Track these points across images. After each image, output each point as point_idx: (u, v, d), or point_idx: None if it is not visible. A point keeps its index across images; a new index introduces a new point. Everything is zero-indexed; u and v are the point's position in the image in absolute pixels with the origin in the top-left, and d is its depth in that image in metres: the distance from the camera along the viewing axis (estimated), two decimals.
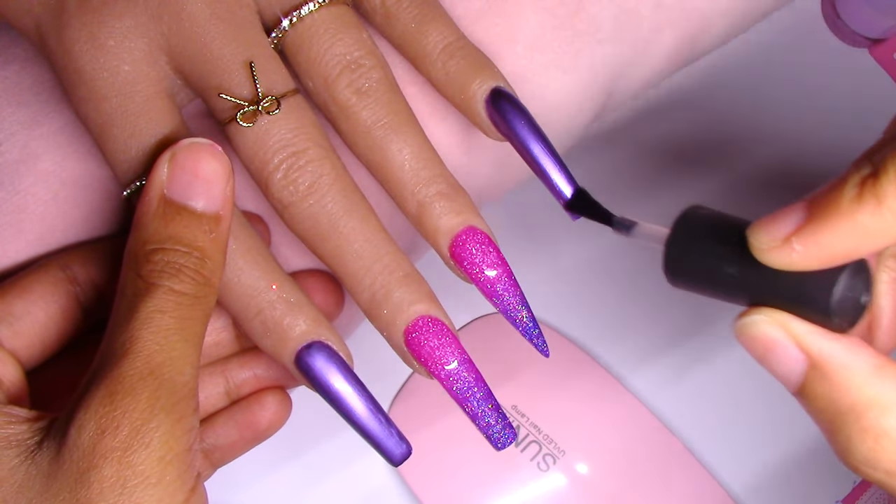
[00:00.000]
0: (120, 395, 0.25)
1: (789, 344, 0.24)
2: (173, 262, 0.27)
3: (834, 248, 0.23)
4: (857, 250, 0.23)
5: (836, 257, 0.23)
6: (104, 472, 0.25)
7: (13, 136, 0.33)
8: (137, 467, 0.25)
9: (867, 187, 0.22)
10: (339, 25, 0.30)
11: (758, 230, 0.23)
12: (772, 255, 0.23)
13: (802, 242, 0.23)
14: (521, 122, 0.31)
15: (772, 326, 0.24)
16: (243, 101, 0.29)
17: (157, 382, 0.26)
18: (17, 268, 0.33)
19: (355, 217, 0.30)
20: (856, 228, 0.22)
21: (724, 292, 0.25)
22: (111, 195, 0.34)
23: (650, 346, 0.45)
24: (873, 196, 0.22)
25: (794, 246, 0.23)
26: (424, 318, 0.30)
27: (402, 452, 0.30)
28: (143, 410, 0.25)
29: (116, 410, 0.25)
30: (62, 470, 0.25)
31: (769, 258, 0.23)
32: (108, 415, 0.25)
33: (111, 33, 0.29)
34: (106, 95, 0.29)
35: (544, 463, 0.41)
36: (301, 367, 0.30)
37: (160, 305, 0.27)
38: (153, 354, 0.26)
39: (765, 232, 0.23)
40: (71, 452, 0.25)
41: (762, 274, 0.24)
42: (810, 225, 0.23)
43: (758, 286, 0.24)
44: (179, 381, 0.26)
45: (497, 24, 0.34)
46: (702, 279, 0.25)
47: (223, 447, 0.34)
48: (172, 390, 0.26)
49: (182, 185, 0.28)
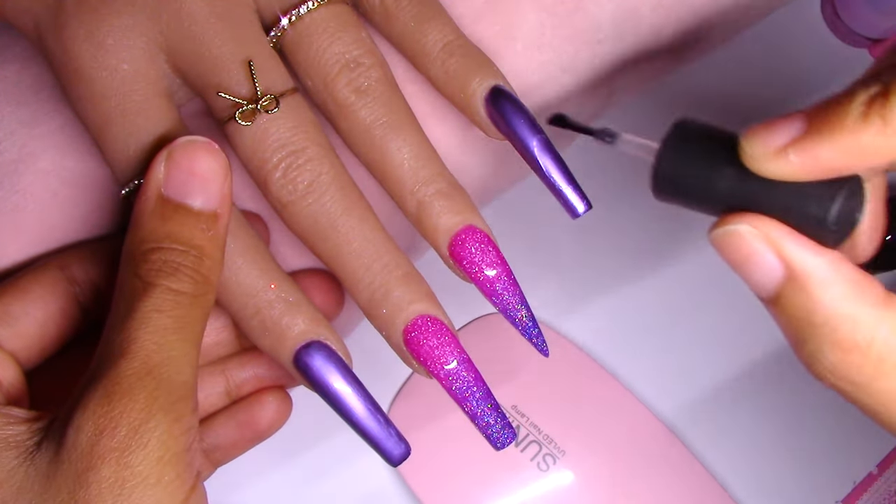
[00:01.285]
0: (118, 396, 0.25)
1: (769, 252, 0.24)
2: (171, 261, 0.27)
3: (831, 163, 0.23)
4: (852, 167, 0.23)
5: (831, 171, 0.23)
6: (102, 472, 0.25)
7: (12, 136, 0.33)
8: (136, 468, 0.25)
9: (875, 107, 0.22)
10: (338, 24, 0.30)
11: (752, 138, 0.23)
12: (765, 164, 0.23)
13: (799, 154, 0.23)
14: (520, 120, 0.31)
15: (754, 235, 0.24)
16: (242, 100, 0.29)
17: (154, 382, 0.26)
18: (16, 267, 0.33)
19: (354, 216, 0.30)
20: (857, 146, 0.22)
21: (713, 204, 0.25)
22: (110, 194, 0.34)
23: (650, 346, 0.45)
24: (880, 116, 0.22)
25: (790, 156, 0.23)
26: (424, 318, 0.30)
27: (401, 453, 0.30)
28: (140, 410, 0.25)
29: (114, 411, 0.25)
30: (61, 471, 0.25)
31: (762, 167, 0.23)
32: (106, 415, 0.25)
33: (110, 32, 0.29)
34: (104, 94, 0.29)
35: (544, 463, 0.41)
36: (299, 366, 0.30)
37: (158, 305, 0.27)
38: (151, 354, 0.26)
39: (760, 140, 0.23)
40: (69, 453, 0.25)
41: (753, 185, 0.24)
42: (809, 137, 0.23)
43: (748, 197, 0.24)
44: (178, 381, 0.26)
45: (497, 22, 0.34)
46: (690, 191, 0.25)
47: (223, 447, 0.34)
48: (170, 390, 0.26)
49: (179, 183, 0.28)
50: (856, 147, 0.22)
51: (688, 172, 0.25)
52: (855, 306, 0.23)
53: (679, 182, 0.25)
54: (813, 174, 0.23)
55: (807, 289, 0.24)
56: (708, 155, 0.25)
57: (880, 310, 0.23)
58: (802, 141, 0.23)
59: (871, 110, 0.22)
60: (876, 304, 0.23)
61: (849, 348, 0.23)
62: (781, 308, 0.24)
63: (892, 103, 0.22)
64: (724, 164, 0.24)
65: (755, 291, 0.25)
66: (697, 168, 0.25)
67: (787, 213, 0.24)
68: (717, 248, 0.25)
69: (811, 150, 0.23)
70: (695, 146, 0.25)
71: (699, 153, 0.25)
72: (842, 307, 0.23)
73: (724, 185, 0.24)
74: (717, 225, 0.25)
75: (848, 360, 0.23)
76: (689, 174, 0.25)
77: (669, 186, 0.26)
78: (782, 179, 0.23)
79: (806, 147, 0.23)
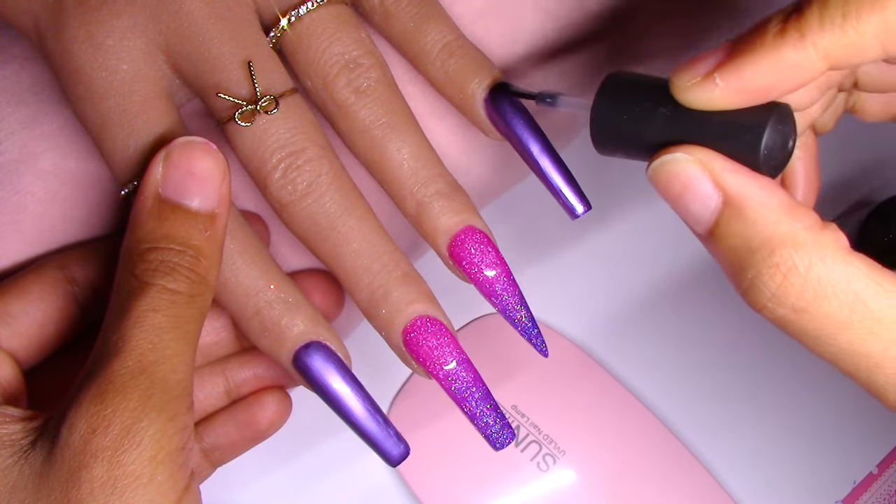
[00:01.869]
0: (111, 395, 0.25)
1: (706, 181, 0.24)
2: (167, 261, 0.27)
3: (756, 83, 0.23)
4: (778, 86, 0.23)
5: (758, 93, 0.23)
6: (94, 471, 0.25)
7: (12, 136, 0.33)
8: (128, 467, 0.25)
9: (791, 22, 0.22)
10: (337, 25, 0.30)
11: (679, 70, 0.24)
12: (693, 93, 0.24)
13: (724, 78, 0.23)
14: (520, 121, 0.31)
15: (690, 163, 0.24)
16: (241, 101, 0.29)
17: (148, 381, 0.26)
18: (17, 267, 0.33)
19: (353, 216, 0.30)
20: (779, 62, 0.22)
21: (649, 148, 0.25)
22: (110, 195, 0.34)
23: (650, 345, 0.45)
24: (796, 30, 0.22)
25: (715, 81, 0.23)
26: (423, 318, 0.30)
27: (400, 453, 0.30)
28: (133, 409, 0.25)
29: (107, 409, 0.25)
30: (54, 469, 0.25)
31: (691, 96, 0.24)
32: (99, 413, 0.25)
33: (110, 32, 0.29)
34: (104, 94, 0.29)
35: (544, 463, 0.41)
36: (299, 367, 0.30)
37: (153, 304, 0.27)
38: (145, 353, 0.26)
39: (687, 70, 0.24)
40: (62, 452, 0.25)
41: (687, 121, 0.24)
42: (732, 60, 0.23)
43: (682, 134, 0.24)
44: (172, 380, 0.26)
45: (496, 23, 0.34)
46: (627, 137, 0.25)
47: (223, 446, 0.34)
48: (165, 389, 0.26)
49: (176, 183, 0.28)
50: (777, 64, 0.23)
51: (622, 119, 0.25)
52: (792, 227, 0.23)
53: (615, 130, 0.26)
54: (740, 98, 0.23)
55: (743, 213, 0.24)
56: (640, 100, 0.25)
57: (816, 233, 0.23)
58: (727, 64, 0.23)
59: (788, 25, 0.22)
60: (812, 227, 0.23)
61: (788, 271, 0.23)
62: (719, 238, 0.24)
63: (806, 17, 0.22)
64: (656, 105, 0.25)
65: (693, 227, 0.25)
66: (631, 114, 0.25)
67: (722, 144, 0.24)
68: (655, 184, 0.25)
69: (736, 72, 0.23)
70: (627, 94, 0.26)
71: (632, 99, 0.25)
72: (778, 229, 0.23)
73: (658, 126, 0.25)
74: (653, 159, 0.25)
75: (787, 284, 0.23)
76: (623, 121, 0.25)
77: (607, 137, 0.26)
78: (712, 108, 0.24)
79: (730, 70, 0.23)
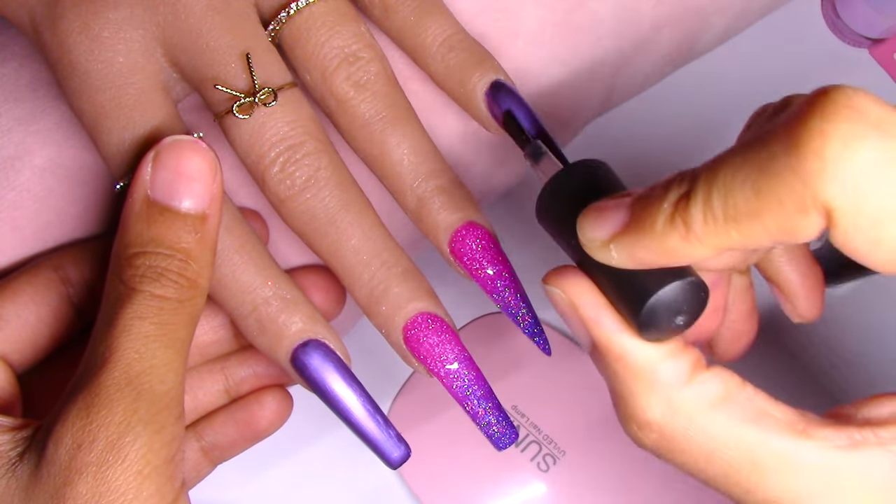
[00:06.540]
0: (96, 408, 0.25)
1: (577, 322, 0.25)
2: (155, 266, 0.27)
3: (646, 261, 0.23)
4: (668, 265, 0.23)
5: (652, 265, 0.23)
6: (79, 488, 0.24)
7: (9, 133, 0.33)
8: (113, 483, 0.24)
9: (679, 210, 0.22)
10: (336, 18, 0.30)
11: (584, 224, 0.24)
12: (594, 252, 0.24)
13: (618, 250, 0.23)
14: (521, 115, 0.30)
15: (566, 302, 0.25)
16: (239, 93, 0.29)
17: (134, 393, 0.25)
18: (13, 264, 0.33)
19: (353, 211, 0.29)
20: (665, 249, 0.22)
21: (566, 250, 0.26)
22: (107, 191, 0.33)
23: None
24: (683, 222, 0.22)
25: (611, 252, 0.23)
26: (423, 315, 0.30)
27: (400, 455, 0.30)
28: (119, 423, 0.25)
29: (92, 424, 0.25)
30: (40, 484, 0.25)
31: (592, 254, 0.24)
32: (84, 428, 0.25)
33: (106, 24, 0.29)
34: (100, 87, 0.29)
35: (544, 463, 0.41)
36: (297, 365, 0.29)
37: (140, 312, 0.26)
38: (132, 364, 0.25)
39: (589, 228, 0.24)
40: (49, 467, 0.25)
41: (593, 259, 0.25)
42: (627, 235, 0.23)
43: (588, 260, 0.24)
44: (160, 391, 0.26)
45: (498, 18, 0.34)
46: (555, 232, 0.26)
47: (222, 445, 0.34)
48: (152, 400, 0.25)
49: (166, 184, 0.27)
50: (664, 250, 0.22)
51: (554, 216, 0.26)
52: (644, 389, 0.24)
53: (549, 221, 0.26)
54: (635, 267, 0.23)
55: (604, 362, 0.25)
56: (570, 208, 0.25)
57: (676, 391, 0.24)
58: (622, 237, 0.23)
59: (676, 214, 0.22)
60: (674, 384, 0.24)
61: (642, 425, 0.24)
62: (595, 364, 0.25)
63: (691, 209, 0.21)
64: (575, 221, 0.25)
65: None
66: (561, 214, 0.26)
67: (613, 292, 0.25)
68: (548, 298, 0.26)
69: (628, 247, 0.23)
70: (566, 195, 0.26)
71: (567, 201, 0.26)
72: (632, 387, 0.24)
73: (574, 241, 0.25)
74: (546, 277, 0.25)
75: (642, 435, 0.24)
76: (554, 217, 0.26)
77: (542, 219, 0.26)
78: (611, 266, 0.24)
79: (624, 243, 0.23)
